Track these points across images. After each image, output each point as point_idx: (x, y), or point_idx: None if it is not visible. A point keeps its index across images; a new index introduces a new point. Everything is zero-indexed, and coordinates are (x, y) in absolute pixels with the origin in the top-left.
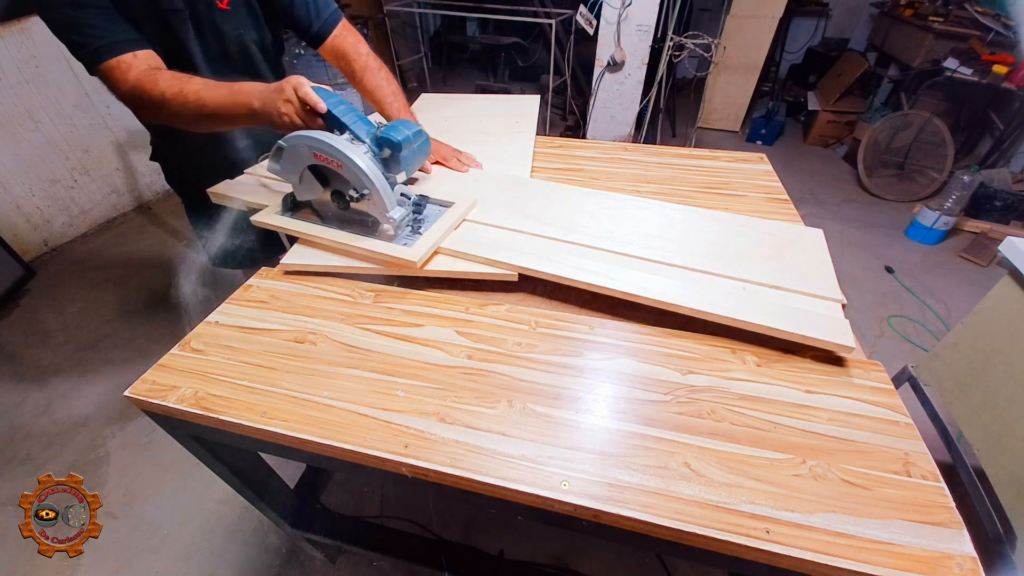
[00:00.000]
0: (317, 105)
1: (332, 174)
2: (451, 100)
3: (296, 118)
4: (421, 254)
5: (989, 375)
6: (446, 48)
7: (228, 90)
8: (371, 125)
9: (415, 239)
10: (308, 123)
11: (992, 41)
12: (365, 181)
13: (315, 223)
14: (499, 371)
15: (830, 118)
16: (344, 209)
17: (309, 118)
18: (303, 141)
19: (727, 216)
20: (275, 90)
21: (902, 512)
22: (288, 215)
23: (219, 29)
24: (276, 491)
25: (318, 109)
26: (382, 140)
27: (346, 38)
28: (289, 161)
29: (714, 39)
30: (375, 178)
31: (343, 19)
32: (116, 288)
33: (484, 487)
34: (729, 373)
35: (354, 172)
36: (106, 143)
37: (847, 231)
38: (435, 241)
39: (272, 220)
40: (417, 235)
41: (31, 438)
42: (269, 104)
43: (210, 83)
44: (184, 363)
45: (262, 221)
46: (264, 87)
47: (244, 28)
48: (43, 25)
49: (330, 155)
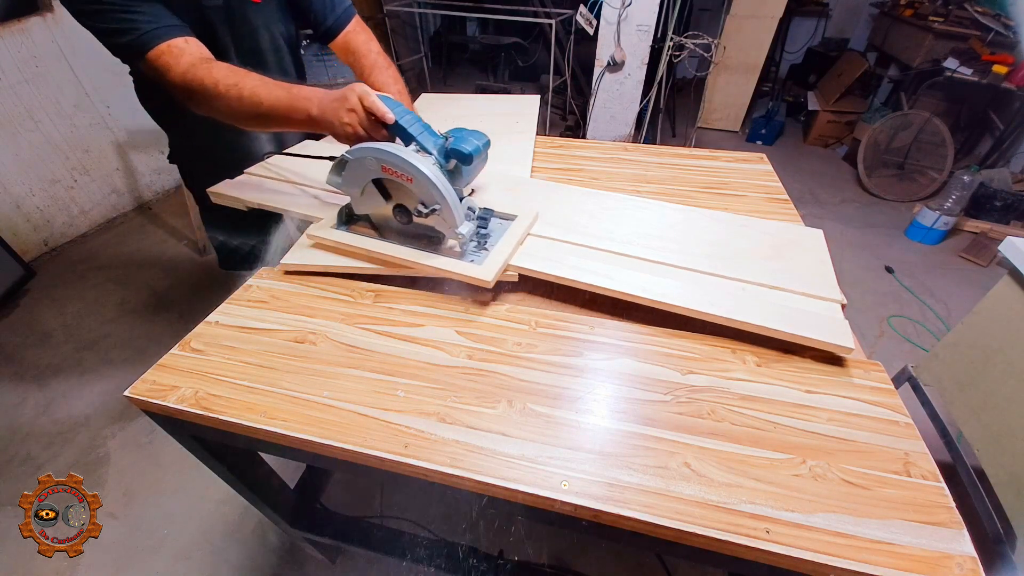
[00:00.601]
0: (385, 116)
1: (399, 188)
2: (451, 100)
3: (359, 128)
4: (494, 273)
5: (989, 375)
6: (446, 48)
7: (286, 92)
8: (438, 136)
9: (482, 255)
10: (371, 134)
11: (992, 41)
12: (437, 196)
13: (371, 237)
14: (499, 371)
15: (830, 118)
16: (406, 224)
17: (373, 129)
18: (371, 154)
19: (727, 216)
20: (337, 98)
21: (902, 512)
22: (343, 228)
23: (251, 23)
24: (276, 491)
25: (386, 120)
26: (452, 152)
27: (359, 35)
28: (353, 174)
29: (714, 39)
30: (447, 193)
31: (356, 15)
32: (116, 288)
33: (484, 487)
34: (729, 373)
35: (425, 186)
36: (106, 143)
37: (847, 231)
38: (505, 258)
39: (329, 235)
40: (484, 250)
41: (31, 438)
42: (329, 112)
43: (268, 81)
44: (184, 363)
45: (319, 236)
46: (324, 93)
47: (274, 21)
48: (43, 25)
49: (401, 169)
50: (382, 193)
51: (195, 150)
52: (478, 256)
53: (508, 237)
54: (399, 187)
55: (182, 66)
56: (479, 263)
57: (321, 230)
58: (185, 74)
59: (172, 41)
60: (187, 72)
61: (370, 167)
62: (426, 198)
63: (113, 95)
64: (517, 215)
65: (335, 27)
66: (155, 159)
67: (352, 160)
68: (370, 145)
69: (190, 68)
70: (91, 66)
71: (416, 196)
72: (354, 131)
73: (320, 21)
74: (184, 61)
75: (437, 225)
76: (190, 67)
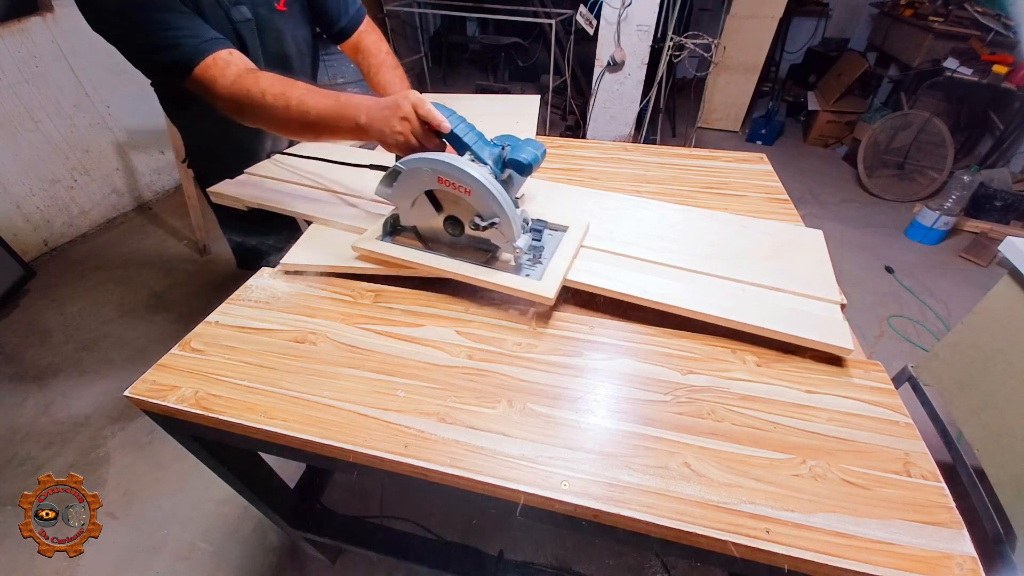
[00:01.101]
0: (441, 125)
1: (453, 200)
2: (451, 100)
3: (412, 137)
4: (555, 289)
5: (989, 375)
6: (446, 48)
7: (334, 100)
8: (493, 145)
9: (537, 269)
10: (424, 143)
11: (992, 41)
12: (496, 209)
13: (417, 249)
14: (499, 371)
15: (830, 118)
16: (457, 236)
17: (426, 138)
18: (427, 165)
19: (727, 216)
20: (389, 106)
21: (902, 512)
22: (387, 240)
23: (279, 31)
24: (276, 491)
25: (442, 130)
26: (510, 162)
27: (370, 35)
28: (405, 185)
29: (714, 39)
30: (507, 205)
31: (367, 16)
32: (116, 288)
33: (484, 487)
34: (729, 373)
35: (485, 199)
36: (106, 143)
37: (847, 231)
38: (563, 272)
39: (375, 247)
40: (538, 264)
41: (31, 438)
42: (379, 121)
43: (314, 90)
44: (184, 363)
45: (365, 248)
46: (373, 101)
47: (297, 27)
48: (43, 25)
49: (459, 180)
50: (434, 204)
51: (212, 153)
52: (533, 270)
53: (563, 250)
54: (454, 199)
55: (229, 78)
56: (535, 277)
57: (367, 243)
58: (232, 85)
59: (217, 54)
60: (234, 84)
61: (425, 178)
62: (484, 211)
63: (113, 95)
64: (568, 226)
65: (348, 28)
66: (155, 159)
67: (406, 171)
68: (425, 156)
69: (237, 79)
70: (91, 66)
71: (472, 208)
72: (406, 140)
73: (334, 22)
74: (231, 72)
75: (493, 238)
76: (237, 78)
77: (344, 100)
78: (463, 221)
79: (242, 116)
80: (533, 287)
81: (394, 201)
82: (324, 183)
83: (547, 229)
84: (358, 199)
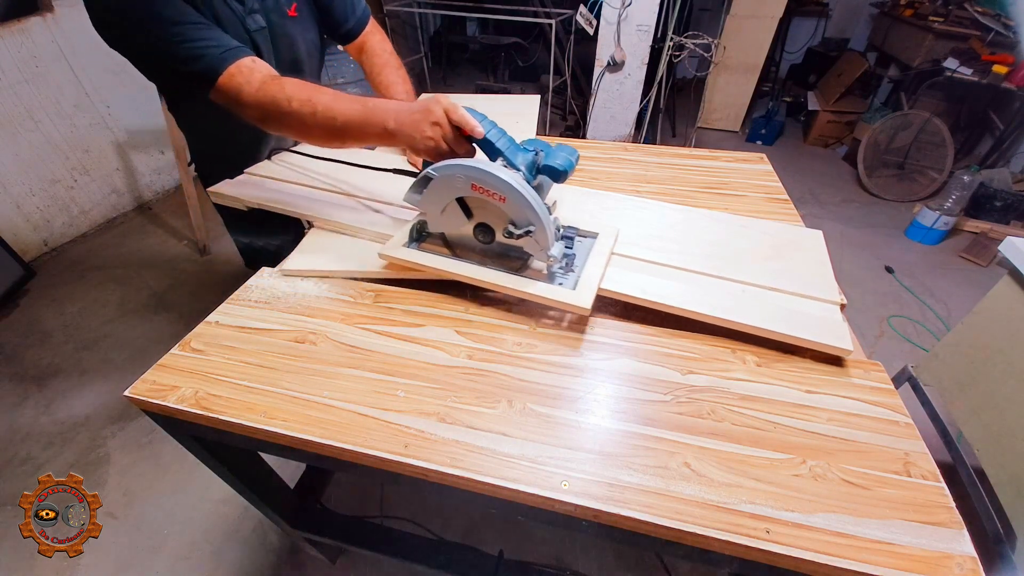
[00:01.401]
0: (475, 130)
1: (486, 207)
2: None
3: (442, 143)
4: (591, 299)
5: (989, 375)
6: (446, 48)
7: (361, 105)
8: (526, 151)
9: (570, 277)
10: (454, 148)
11: (992, 41)
12: (531, 217)
13: (445, 256)
14: (499, 371)
15: (830, 118)
16: (488, 243)
17: (457, 143)
18: (461, 171)
19: (727, 216)
20: (419, 111)
21: (902, 512)
22: (413, 246)
23: (291, 37)
24: (276, 491)
25: (476, 135)
26: (545, 169)
27: (375, 36)
28: (437, 192)
29: (714, 39)
30: (542, 213)
31: (372, 17)
32: (116, 288)
33: (484, 487)
34: (729, 373)
35: (520, 207)
36: (106, 143)
37: (847, 231)
38: (597, 281)
39: (402, 255)
40: (570, 272)
41: (31, 438)
42: (409, 126)
43: (340, 95)
44: (184, 363)
45: (392, 256)
46: (401, 105)
47: (308, 30)
48: (43, 25)
49: (494, 188)
50: (464, 211)
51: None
52: (566, 279)
53: (595, 257)
54: (487, 206)
55: (254, 85)
56: (568, 286)
57: (395, 250)
58: (257, 93)
59: (241, 61)
60: (259, 91)
61: (458, 185)
62: (519, 219)
63: (113, 95)
64: (599, 232)
65: (355, 29)
66: (155, 159)
67: (438, 178)
68: (459, 163)
69: (262, 86)
70: (91, 66)
71: (506, 216)
72: (436, 146)
73: (341, 23)
74: (256, 79)
75: (526, 246)
76: (262, 85)
77: (372, 105)
78: (494, 228)
79: (268, 123)
80: (569, 297)
81: (423, 207)
82: (326, 183)
83: (578, 236)
84: (357, 199)
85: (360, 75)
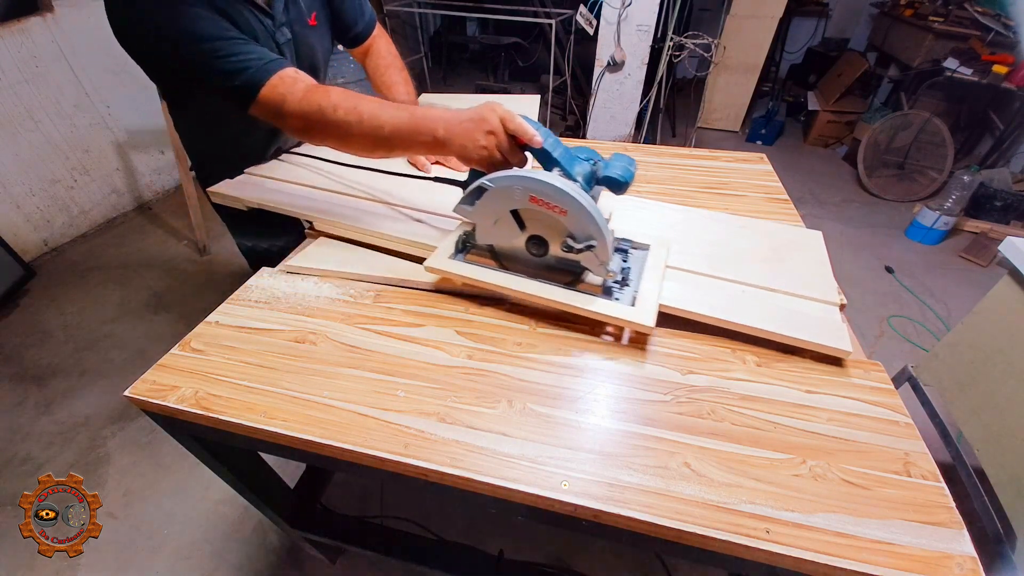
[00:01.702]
0: (533, 140)
1: (543, 219)
2: (452, 100)
3: (496, 152)
4: (653, 316)
5: (989, 375)
6: (446, 48)
7: (408, 113)
8: (583, 160)
9: (626, 292)
10: (508, 158)
11: (992, 41)
12: (594, 231)
13: (492, 268)
14: (499, 371)
15: (830, 118)
16: (540, 256)
17: (512, 153)
18: (519, 183)
19: (726, 217)
20: (472, 119)
21: (902, 512)
22: (459, 258)
23: (311, 45)
24: (276, 491)
25: (534, 144)
26: (606, 180)
27: (381, 39)
28: (491, 203)
29: (714, 39)
30: (604, 227)
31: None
32: (116, 288)
33: (484, 487)
34: (729, 373)
35: (582, 220)
36: (106, 143)
37: (847, 231)
38: (656, 298)
39: (453, 268)
40: (625, 287)
41: (31, 438)
42: (461, 135)
43: (386, 103)
44: (184, 363)
45: (442, 270)
46: (451, 113)
47: (324, 37)
48: (43, 25)
49: (555, 200)
50: (518, 223)
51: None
52: (622, 294)
53: (650, 272)
54: (544, 219)
55: (298, 94)
56: (625, 302)
57: (441, 262)
58: (302, 102)
59: (284, 72)
60: (303, 100)
61: (516, 197)
62: (579, 232)
63: (113, 95)
64: (650, 244)
65: (363, 33)
66: (155, 159)
67: (494, 189)
68: (517, 174)
69: (306, 95)
70: (91, 66)
71: (565, 229)
72: (490, 155)
73: (350, 27)
74: (299, 88)
75: (584, 260)
76: (306, 94)
77: (420, 113)
78: (548, 241)
79: (311, 133)
80: (630, 315)
81: (474, 218)
82: (329, 183)
83: (632, 248)
84: (358, 198)
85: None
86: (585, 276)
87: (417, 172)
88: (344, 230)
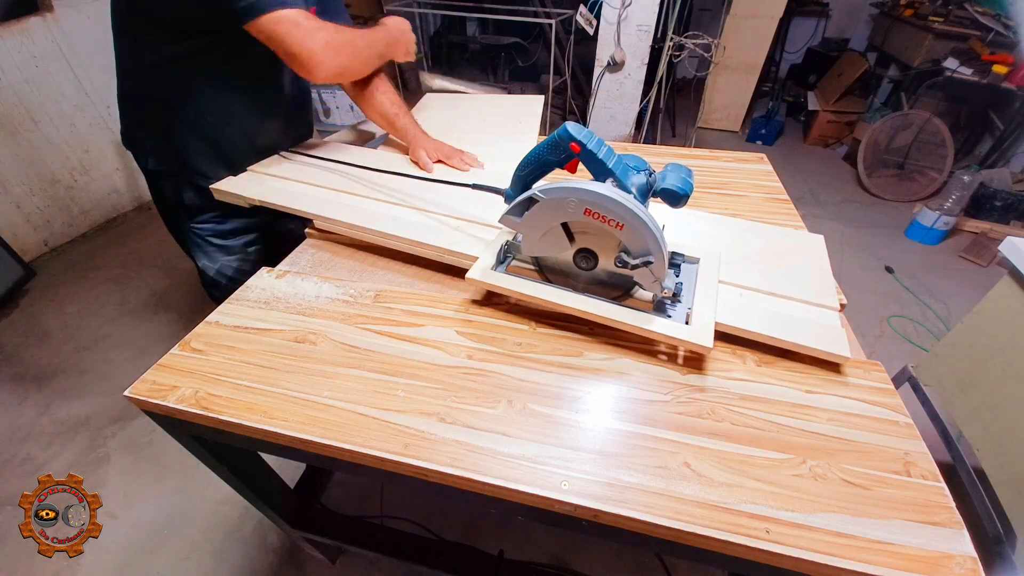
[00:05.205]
0: None
1: (596, 233)
2: (453, 100)
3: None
4: (711, 336)
5: (989, 375)
6: (446, 48)
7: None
8: (637, 171)
9: (678, 309)
10: None
11: (992, 41)
12: (652, 246)
13: (536, 281)
14: (499, 371)
15: (830, 118)
16: (588, 270)
17: None
18: (574, 195)
19: (726, 220)
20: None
21: (902, 512)
22: (501, 269)
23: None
24: (276, 491)
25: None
26: (664, 192)
27: None
28: (541, 215)
29: (714, 39)
30: (663, 243)
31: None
32: (116, 288)
33: (484, 487)
34: (729, 373)
35: (641, 235)
36: (106, 143)
37: (847, 231)
38: (712, 316)
39: (498, 281)
40: (677, 303)
41: (31, 438)
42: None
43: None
44: (184, 363)
45: (487, 283)
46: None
47: None
48: (43, 25)
49: (612, 214)
50: (567, 235)
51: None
52: (675, 310)
53: (704, 288)
54: (598, 232)
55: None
56: (678, 319)
57: (485, 274)
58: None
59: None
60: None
61: (569, 209)
62: (636, 247)
63: (113, 95)
64: (700, 257)
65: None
66: None
67: (545, 200)
68: (571, 185)
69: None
70: (91, 66)
71: (619, 244)
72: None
73: None
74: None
75: (638, 276)
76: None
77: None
78: (599, 255)
79: (339, 62)
80: (687, 335)
81: (522, 230)
82: (333, 182)
83: (684, 262)
84: (358, 198)
85: None
86: (635, 291)
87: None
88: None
